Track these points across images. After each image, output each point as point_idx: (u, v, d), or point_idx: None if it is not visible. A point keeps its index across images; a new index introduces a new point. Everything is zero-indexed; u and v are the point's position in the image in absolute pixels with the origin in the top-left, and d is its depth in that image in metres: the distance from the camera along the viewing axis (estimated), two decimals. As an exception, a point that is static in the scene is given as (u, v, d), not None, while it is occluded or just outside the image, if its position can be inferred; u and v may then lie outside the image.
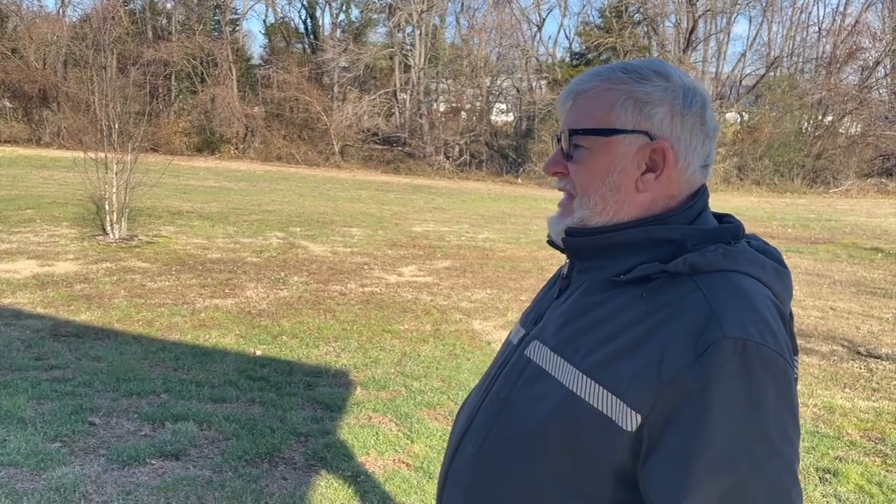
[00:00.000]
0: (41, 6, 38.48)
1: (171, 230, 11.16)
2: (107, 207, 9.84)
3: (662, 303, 0.97)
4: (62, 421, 3.88)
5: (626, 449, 0.94)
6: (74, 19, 36.60)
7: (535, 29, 37.96)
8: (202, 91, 33.71)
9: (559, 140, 1.09)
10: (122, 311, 6.40)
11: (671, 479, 0.90)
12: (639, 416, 0.92)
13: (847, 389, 5.28)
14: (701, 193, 1.07)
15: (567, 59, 36.20)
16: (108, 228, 9.83)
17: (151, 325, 6.03)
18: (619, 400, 0.94)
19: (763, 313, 0.93)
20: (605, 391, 0.95)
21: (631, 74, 1.04)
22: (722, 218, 1.11)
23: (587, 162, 1.05)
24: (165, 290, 7.30)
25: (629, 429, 0.93)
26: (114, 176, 9.84)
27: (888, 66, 33.59)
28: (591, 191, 1.05)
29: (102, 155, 9.84)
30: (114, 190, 9.84)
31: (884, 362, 5.98)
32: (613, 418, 0.94)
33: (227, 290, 7.44)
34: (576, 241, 1.09)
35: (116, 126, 10.19)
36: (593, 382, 0.97)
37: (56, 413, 3.99)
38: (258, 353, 5.48)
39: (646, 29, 34.42)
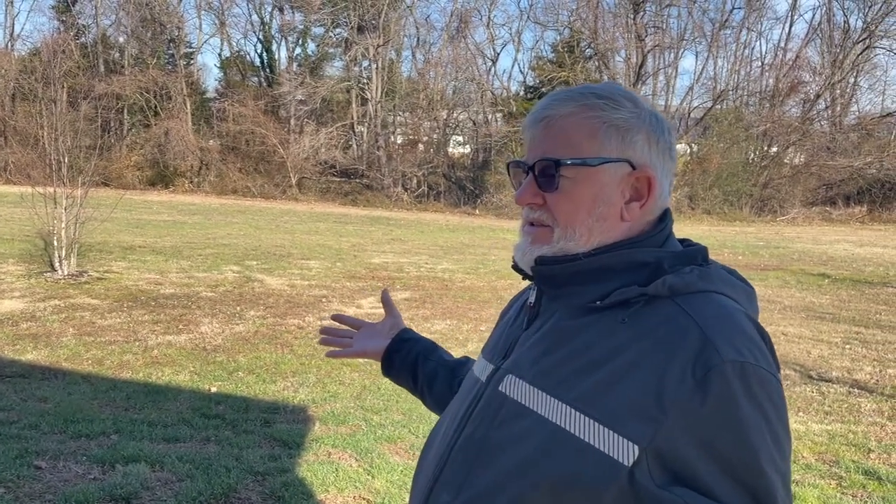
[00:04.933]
0: (-11, 40, 37.66)
1: (123, 265, 10.90)
2: (55, 243, 9.58)
3: (647, 328, 0.93)
4: (6, 465, 3.71)
5: (625, 481, 0.88)
6: (24, 53, 36.04)
7: (490, 63, 38.54)
8: (156, 124, 33.32)
9: (530, 168, 1.02)
10: (71, 349, 6.19)
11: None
12: (636, 448, 0.87)
13: (801, 413, 5.38)
14: (668, 216, 1.05)
15: (521, 93, 36.85)
16: (57, 265, 9.56)
17: (101, 364, 5.84)
18: (613, 433, 0.89)
19: (749, 333, 0.92)
20: (597, 424, 0.90)
21: (605, 100, 0.99)
22: (682, 241, 1.10)
23: (571, 193, 0.99)
24: (116, 327, 7.11)
25: (626, 463, 0.88)
26: (63, 211, 9.61)
27: (828, 99, 35.01)
28: (577, 222, 0.99)
29: (51, 189, 9.61)
30: (63, 225, 9.59)
31: (834, 385, 6.13)
32: (608, 452, 0.88)
33: (180, 326, 7.27)
34: (549, 269, 1.02)
35: (66, 160, 9.99)
36: (582, 416, 0.91)
37: (0, 457, 3.82)
38: (213, 389, 5.35)
39: (597, 63, 35.30)
